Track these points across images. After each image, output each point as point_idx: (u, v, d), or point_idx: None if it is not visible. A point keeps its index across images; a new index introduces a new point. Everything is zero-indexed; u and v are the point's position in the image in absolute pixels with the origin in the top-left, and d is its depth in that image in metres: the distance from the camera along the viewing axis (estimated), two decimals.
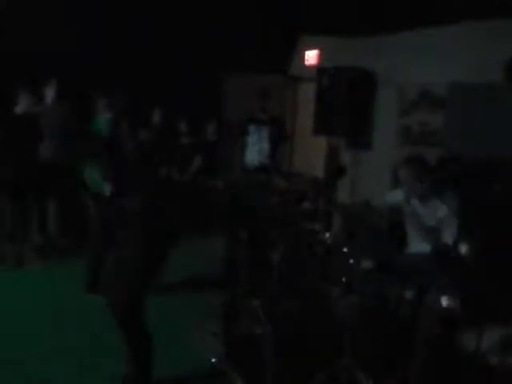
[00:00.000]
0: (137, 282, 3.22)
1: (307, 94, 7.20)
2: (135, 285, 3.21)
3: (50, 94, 6.02)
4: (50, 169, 5.87)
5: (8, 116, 5.70)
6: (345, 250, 3.58)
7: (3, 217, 5.85)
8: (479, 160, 4.91)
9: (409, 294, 3.55)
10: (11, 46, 6.41)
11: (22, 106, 5.70)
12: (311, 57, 7.50)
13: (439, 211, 3.70)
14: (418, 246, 3.87)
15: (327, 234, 4.22)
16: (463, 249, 3.63)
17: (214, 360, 3.37)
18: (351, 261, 3.48)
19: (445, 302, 3.28)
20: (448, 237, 3.67)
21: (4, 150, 5.64)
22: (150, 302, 3.32)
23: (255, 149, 6.50)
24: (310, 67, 7.38)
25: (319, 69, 6.77)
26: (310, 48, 7.48)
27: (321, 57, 7.32)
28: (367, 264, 3.62)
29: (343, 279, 3.39)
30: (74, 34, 6.82)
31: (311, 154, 7.37)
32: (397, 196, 4.03)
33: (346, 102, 6.38)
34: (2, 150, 5.64)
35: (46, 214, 6.05)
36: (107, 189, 3.86)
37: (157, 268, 3.29)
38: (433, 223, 3.72)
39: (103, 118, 4.70)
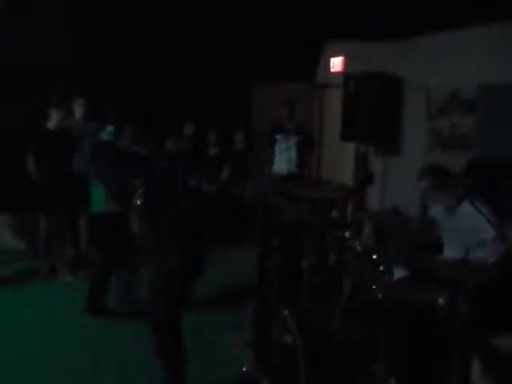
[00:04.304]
0: (176, 290, 3.29)
1: (334, 100, 7.17)
2: (174, 293, 3.28)
3: (79, 109, 6.15)
4: (81, 181, 5.98)
5: (41, 131, 5.84)
6: (375, 257, 3.54)
7: (37, 231, 5.97)
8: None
9: (442, 301, 3.48)
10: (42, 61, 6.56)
11: (53, 121, 5.82)
12: (336, 63, 7.48)
13: (470, 219, 3.63)
14: (451, 253, 3.81)
15: (357, 242, 4.18)
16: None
17: (245, 369, 3.37)
18: (382, 268, 3.44)
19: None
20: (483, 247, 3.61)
21: (39, 165, 5.78)
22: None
23: (283, 158, 6.49)
24: (336, 74, 7.35)
25: (345, 75, 6.73)
26: (335, 54, 7.46)
27: (346, 63, 7.29)
28: (400, 271, 3.57)
29: (374, 287, 3.35)
30: (101, 50, 6.95)
31: (339, 161, 7.33)
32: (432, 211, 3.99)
33: (374, 107, 6.33)
34: (37, 165, 5.77)
35: (78, 228, 6.15)
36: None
37: (193, 275, 3.36)
38: (465, 232, 3.66)
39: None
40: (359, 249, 3.92)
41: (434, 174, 3.77)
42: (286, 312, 3.40)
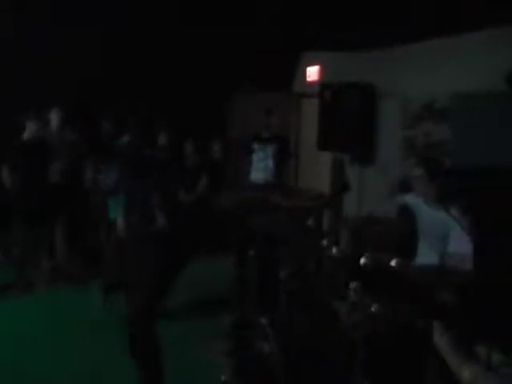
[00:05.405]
0: (153, 291, 3.28)
1: (310, 110, 7.24)
2: (152, 294, 3.27)
3: (55, 119, 6.10)
4: (57, 192, 5.93)
5: (17, 142, 5.78)
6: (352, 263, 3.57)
7: (13, 242, 5.90)
8: (485, 170, 4.90)
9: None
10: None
11: (29, 131, 5.78)
12: (313, 73, 7.53)
13: (448, 218, 3.67)
14: (426, 257, 3.85)
15: (334, 249, 4.22)
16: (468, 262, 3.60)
17: (223, 378, 3.36)
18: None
19: None
20: (455, 245, 3.66)
21: (14, 176, 5.72)
22: (159, 322, 3.34)
23: (260, 166, 6.51)
24: (312, 83, 7.42)
25: (322, 84, 6.80)
26: (312, 64, 7.52)
27: (322, 72, 7.36)
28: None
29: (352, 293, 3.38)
30: (82, 59, 6.92)
31: (316, 170, 7.38)
32: (409, 198, 4.03)
33: (350, 117, 6.40)
34: (12, 176, 5.72)
35: (54, 239, 6.09)
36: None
37: (173, 280, 3.37)
38: (442, 229, 3.71)
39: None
40: (337, 256, 3.96)
41: (429, 165, 3.84)
42: (263, 320, 3.42)
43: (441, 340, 1.81)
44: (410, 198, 4.06)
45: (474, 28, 5.33)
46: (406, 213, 4.05)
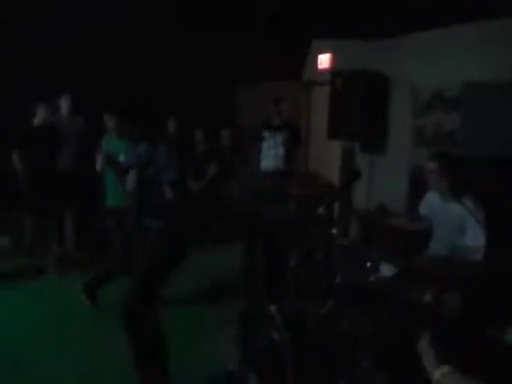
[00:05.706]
0: (152, 274, 3.27)
1: (321, 98, 7.17)
2: (150, 276, 3.26)
3: (65, 105, 6.10)
4: (67, 178, 5.94)
5: (27, 127, 5.79)
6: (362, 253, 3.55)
7: (23, 230, 5.92)
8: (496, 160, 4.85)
9: (428, 297, 3.50)
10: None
11: (39, 117, 5.78)
12: (324, 60, 7.46)
13: (462, 211, 3.65)
14: (439, 248, 3.83)
15: (344, 239, 4.20)
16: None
17: (231, 367, 3.36)
18: (368, 264, 3.45)
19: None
20: (470, 238, 3.63)
21: (24, 162, 5.72)
22: (168, 310, 3.33)
23: (271, 154, 6.47)
24: (324, 71, 7.35)
25: (333, 72, 6.73)
26: (323, 52, 7.45)
27: (334, 60, 7.28)
28: (387, 268, 3.58)
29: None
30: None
31: (326, 158, 7.33)
32: (429, 200, 4.01)
33: (360, 105, 6.33)
34: (22, 162, 5.72)
35: (63, 226, 6.10)
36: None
37: (172, 266, 3.35)
38: (457, 221, 3.68)
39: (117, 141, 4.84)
40: (346, 245, 3.93)
41: (442, 159, 3.82)
42: (272, 308, 3.40)
43: (419, 345, 1.91)
44: (424, 204, 4.04)
45: (484, 17, 5.26)
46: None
